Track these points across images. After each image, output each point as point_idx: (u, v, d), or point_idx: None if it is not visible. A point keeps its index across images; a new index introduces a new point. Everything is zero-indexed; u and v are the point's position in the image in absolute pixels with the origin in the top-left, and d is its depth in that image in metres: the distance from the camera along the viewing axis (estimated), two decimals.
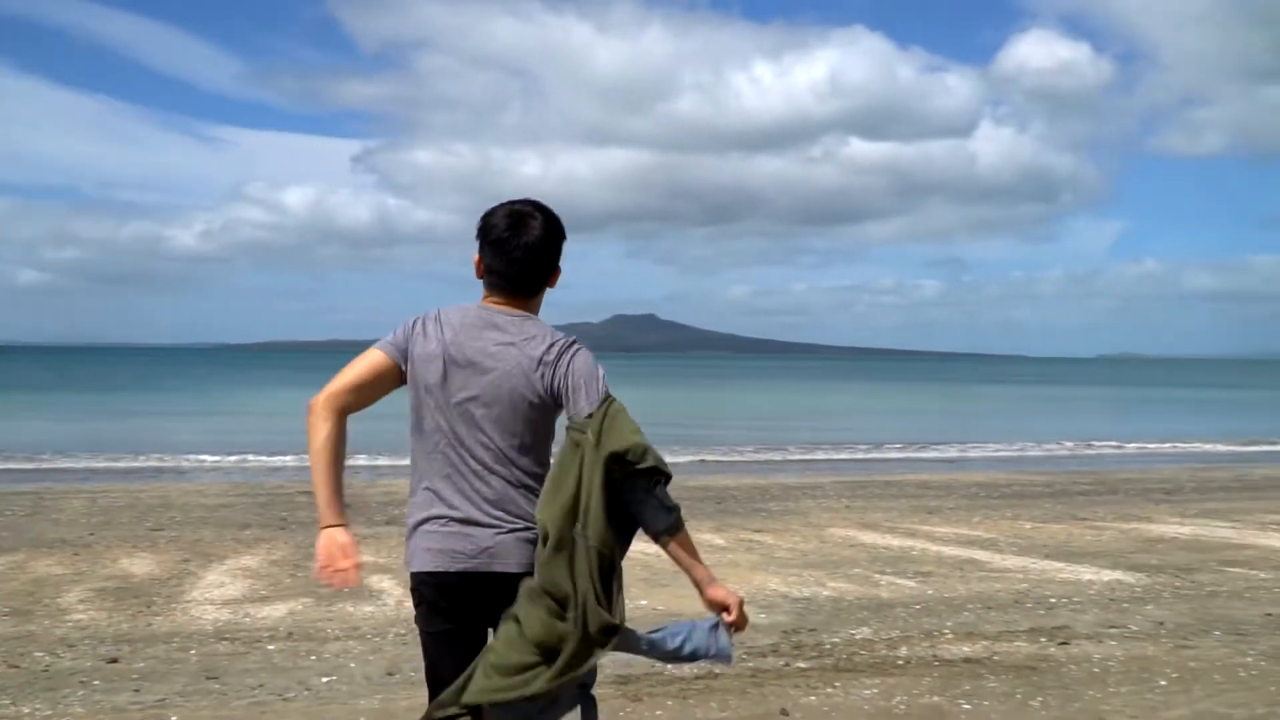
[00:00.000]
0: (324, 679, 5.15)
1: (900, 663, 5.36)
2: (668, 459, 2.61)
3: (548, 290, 2.84)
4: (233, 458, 19.90)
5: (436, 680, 2.67)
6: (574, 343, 2.70)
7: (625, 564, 2.61)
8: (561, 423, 2.70)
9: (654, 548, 2.63)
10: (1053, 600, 7.09)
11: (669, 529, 2.57)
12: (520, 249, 2.71)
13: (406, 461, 2.80)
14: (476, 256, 2.79)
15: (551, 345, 2.65)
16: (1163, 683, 4.92)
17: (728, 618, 2.60)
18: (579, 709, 2.62)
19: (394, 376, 2.70)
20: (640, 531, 2.60)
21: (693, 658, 2.61)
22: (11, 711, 4.61)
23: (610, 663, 4.70)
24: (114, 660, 5.50)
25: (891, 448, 24.86)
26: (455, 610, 2.65)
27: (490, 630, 2.64)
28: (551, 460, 2.68)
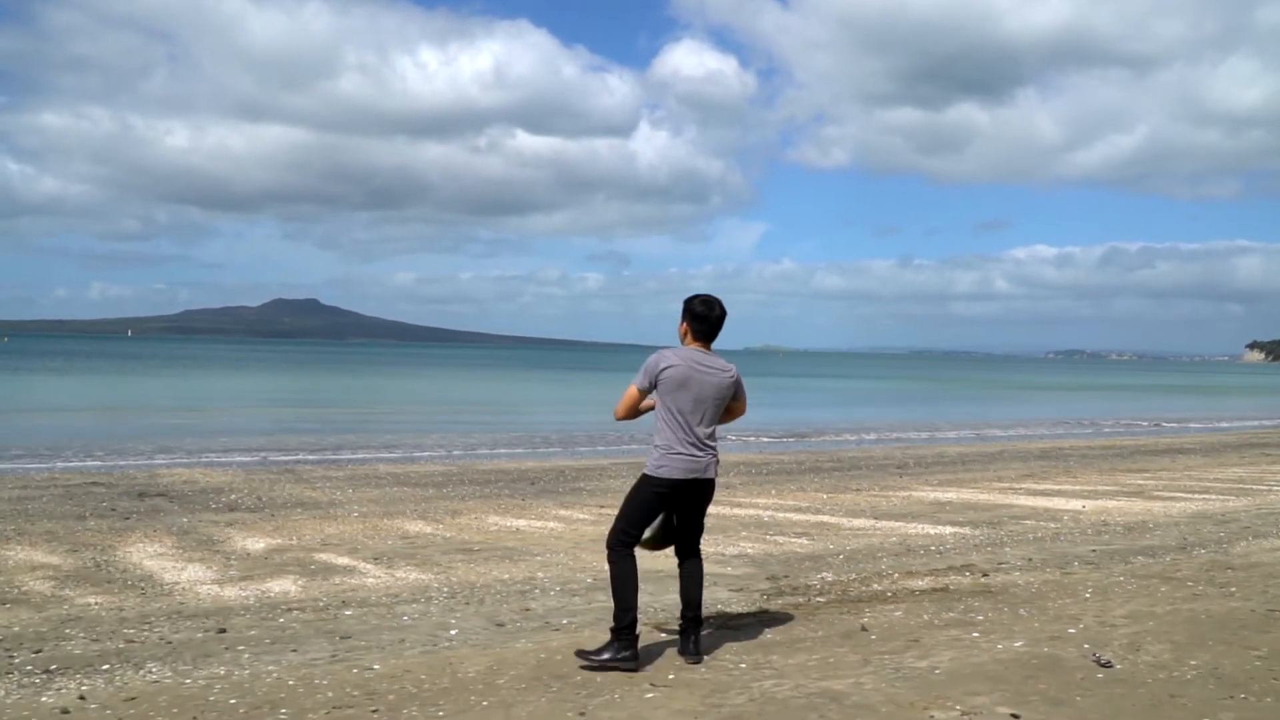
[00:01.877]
0: (451, 632, 5.77)
1: (889, 594, 6.75)
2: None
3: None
4: None
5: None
6: (733, 376, 5.25)
7: None
8: None
9: None
10: (932, 548, 8.80)
11: None
12: (710, 321, 5.23)
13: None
14: (683, 325, 5.27)
15: (727, 377, 5.20)
16: (1087, 595, 6.63)
17: None
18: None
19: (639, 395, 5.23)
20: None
21: None
22: (207, 674, 4.94)
23: (727, 597, 6.22)
24: (223, 630, 5.79)
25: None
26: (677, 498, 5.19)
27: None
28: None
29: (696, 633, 5.23)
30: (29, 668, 5.03)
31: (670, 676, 4.85)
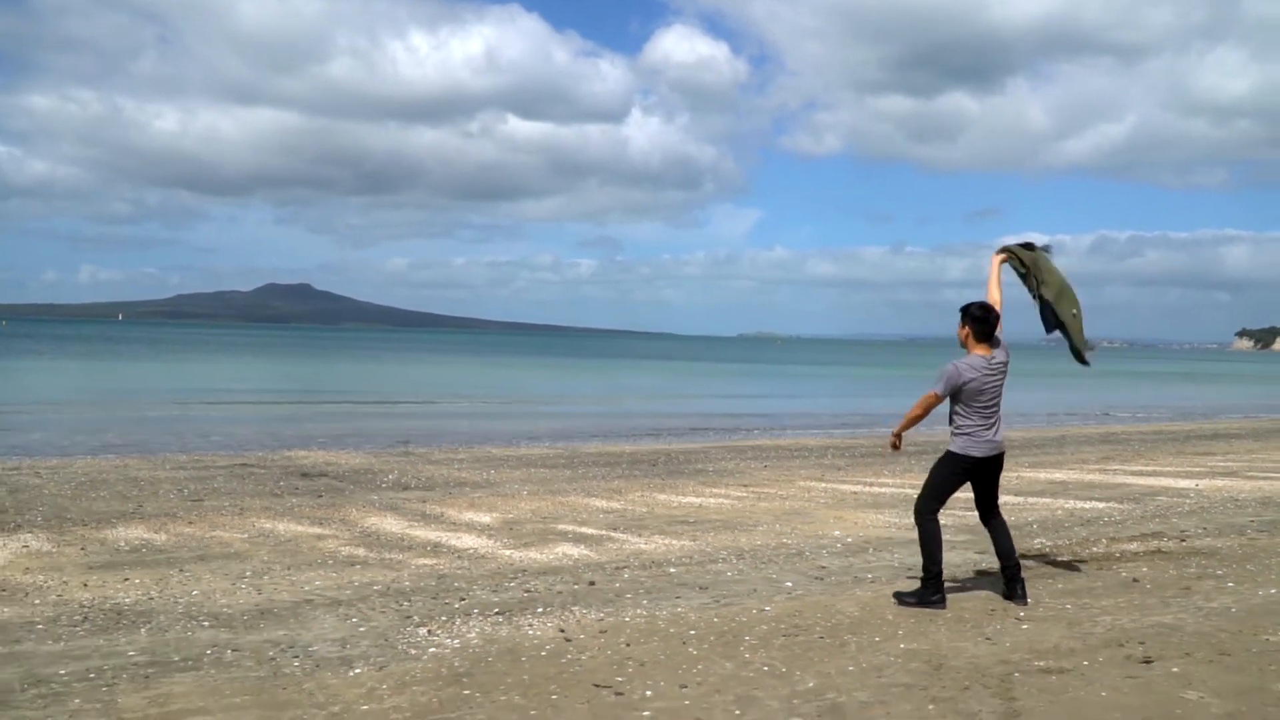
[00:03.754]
0: (786, 584, 6.84)
1: (1118, 555, 7.86)
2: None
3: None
4: None
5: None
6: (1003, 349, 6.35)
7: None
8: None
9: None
10: (1105, 519, 9.91)
11: None
12: (988, 323, 6.27)
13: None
14: (964, 330, 6.28)
15: (1004, 357, 6.31)
16: None
17: None
18: None
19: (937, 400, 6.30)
20: None
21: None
22: (634, 613, 5.99)
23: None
24: (593, 584, 6.84)
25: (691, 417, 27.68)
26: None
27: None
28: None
29: (1020, 579, 6.32)
30: (475, 611, 6.07)
31: (1021, 614, 5.94)
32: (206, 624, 5.75)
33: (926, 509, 6.35)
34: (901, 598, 6.27)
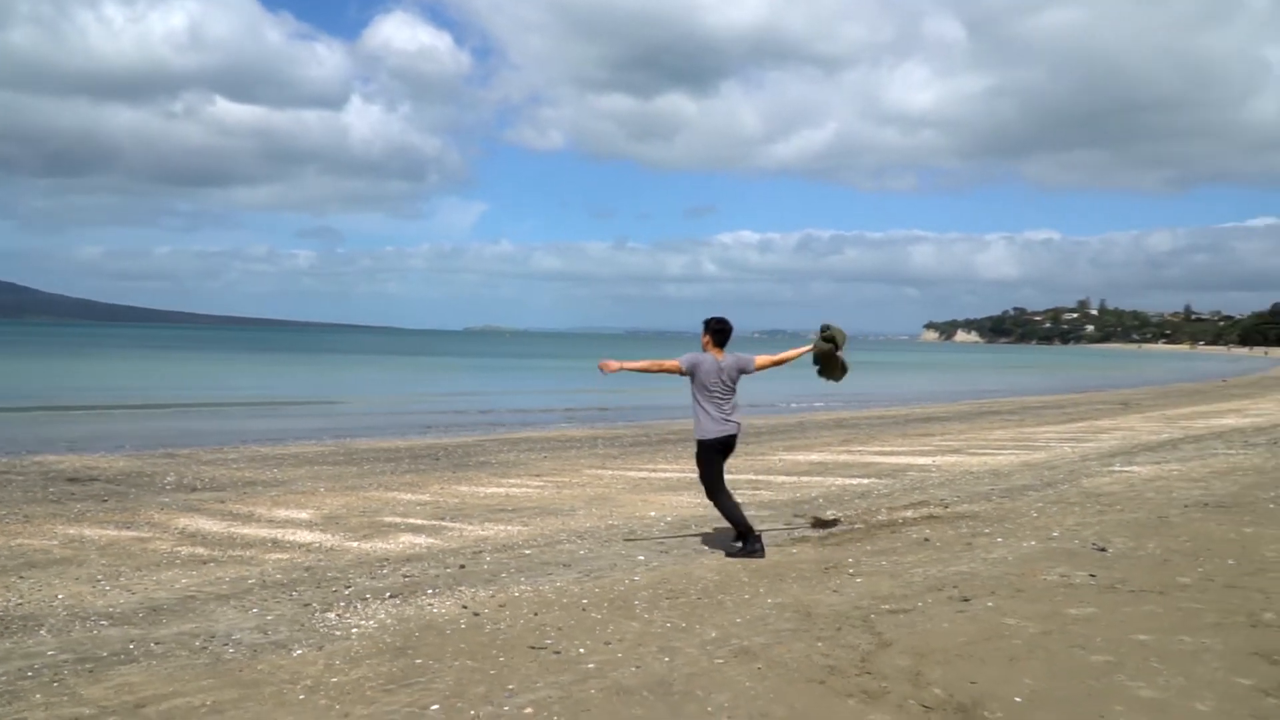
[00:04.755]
0: (639, 557, 7.59)
1: (900, 521, 9.16)
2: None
3: None
4: None
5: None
6: (735, 359, 7.69)
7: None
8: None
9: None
10: (875, 492, 11.33)
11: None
12: (724, 333, 7.67)
13: None
14: (705, 337, 7.65)
15: (734, 364, 7.62)
16: (1034, 515, 9.31)
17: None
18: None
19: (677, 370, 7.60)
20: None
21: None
22: (521, 589, 6.54)
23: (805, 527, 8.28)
24: (463, 567, 7.31)
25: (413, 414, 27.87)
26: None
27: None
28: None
29: (757, 536, 7.57)
30: (368, 596, 6.45)
31: (850, 572, 6.99)
32: (105, 623, 5.82)
33: (710, 491, 7.79)
34: (730, 550, 7.52)
